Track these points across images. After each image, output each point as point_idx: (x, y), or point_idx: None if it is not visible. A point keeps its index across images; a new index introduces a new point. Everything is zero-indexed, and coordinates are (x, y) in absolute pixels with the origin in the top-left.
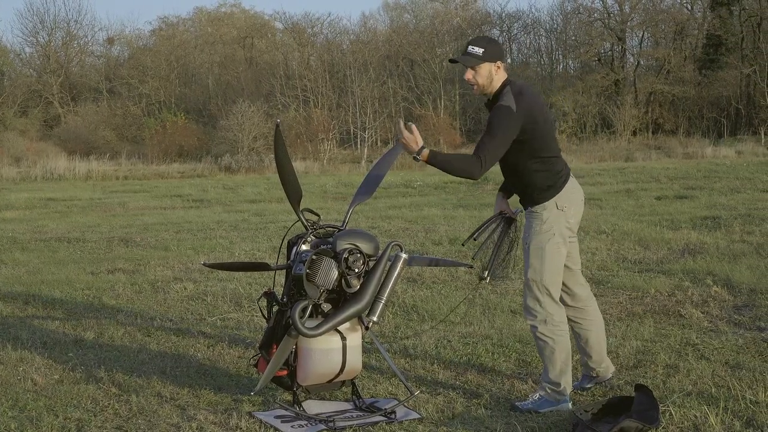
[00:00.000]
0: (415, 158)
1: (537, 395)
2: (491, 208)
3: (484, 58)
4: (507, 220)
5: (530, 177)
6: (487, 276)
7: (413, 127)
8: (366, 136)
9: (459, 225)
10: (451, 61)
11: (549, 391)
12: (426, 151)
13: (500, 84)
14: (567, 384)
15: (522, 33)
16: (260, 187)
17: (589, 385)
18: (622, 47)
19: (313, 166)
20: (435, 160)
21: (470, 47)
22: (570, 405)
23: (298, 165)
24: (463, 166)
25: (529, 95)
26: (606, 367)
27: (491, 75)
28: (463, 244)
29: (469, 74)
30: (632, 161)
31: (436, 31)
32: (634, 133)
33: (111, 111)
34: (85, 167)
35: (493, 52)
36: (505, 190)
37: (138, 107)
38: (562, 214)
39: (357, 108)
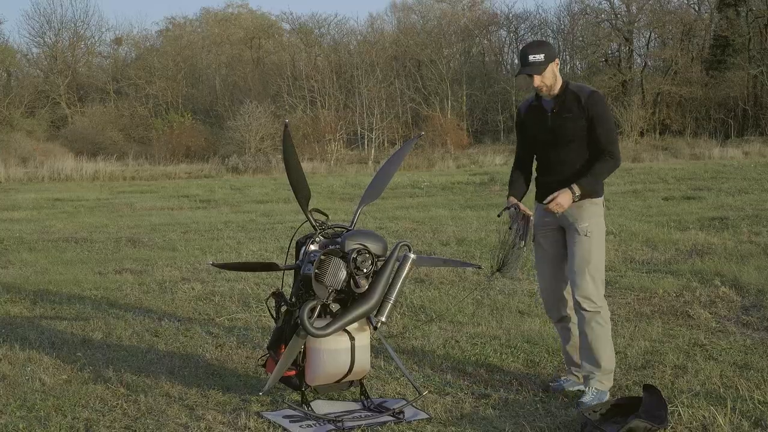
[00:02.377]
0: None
1: (593, 390)
2: (498, 208)
3: (547, 62)
4: (524, 218)
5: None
6: (495, 270)
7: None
8: (373, 136)
9: (467, 226)
10: (519, 74)
11: (603, 381)
12: (576, 188)
13: (561, 83)
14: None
15: (529, 34)
16: (267, 188)
17: (573, 388)
18: (629, 48)
19: (320, 166)
20: (589, 186)
21: (530, 56)
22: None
23: (305, 166)
24: (608, 173)
25: None
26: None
27: (555, 73)
28: (499, 215)
29: (537, 81)
30: (639, 162)
31: (444, 32)
32: (642, 134)
33: (118, 111)
34: (92, 168)
35: (550, 53)
36: (517, 196)
37: (145, 108)
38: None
39: (364, 109)
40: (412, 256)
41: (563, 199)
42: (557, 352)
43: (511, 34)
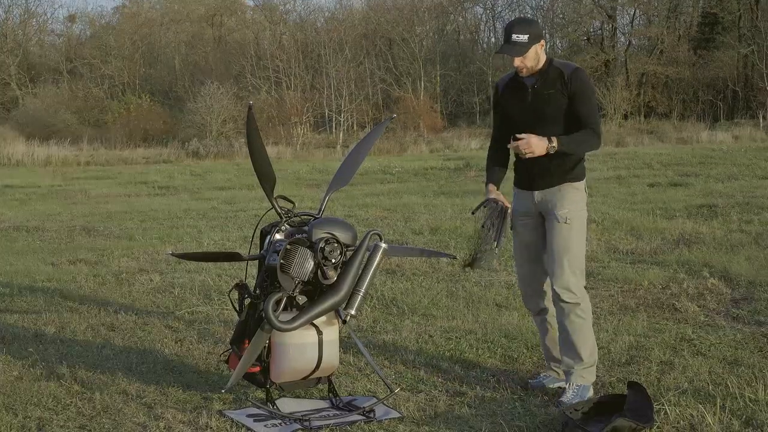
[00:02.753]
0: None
1: (574, 386)
2: (474, 195)
3: (530, 43)
4: (501, 210)
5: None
6: (465, 265)
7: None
8: (342, 119)
9: (440, 213)
10: (498, 53)
11: (585, 376)
12: (555, 140)
13: (545, 59)
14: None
15: (507, 10)
16: (230, 174)
17: (553, 385)
18: (612, 26)
19: (285, 151)
20: (566, 146)
21: (514, 35)
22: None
23: (269, 150)
24: (589, 146)
25: None
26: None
27: (537, 55)
28: (473, 213)
29: (517, 62)
30: (624, 146)
31: (416, 9)
32: (626, 117)
33: (72, 93)
34: (44, 152)
35: (536, 33)
36: (496, 182)
37: (100, 89)
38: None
39: (332, 90)
40: (384, 245)
41: (536, 144)
42: (536, 347)
43: (488, 11)
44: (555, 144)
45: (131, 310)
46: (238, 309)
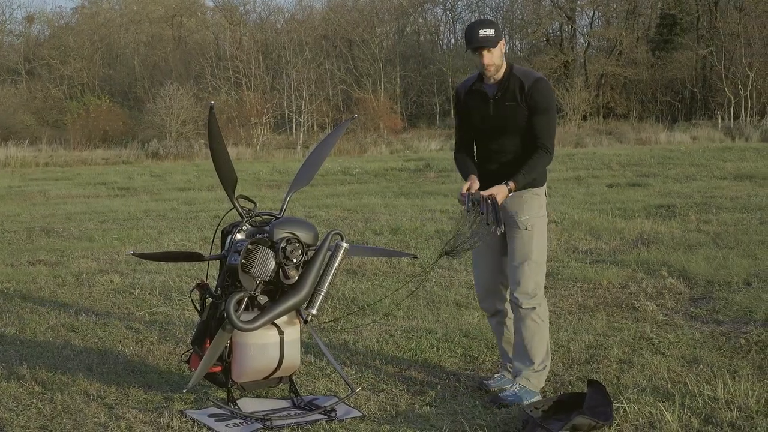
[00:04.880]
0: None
1: (517, 386)
2: (434, 196)
3: (498, 38)
4: (490, 200)
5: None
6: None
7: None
8: (302, 120)
9: (401, 214)
10: (474, 49)
11: (531, 380)
12: (512, 184)
13: (506, 66)
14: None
15: (467, 12)
16: (189, 175)
17: (508, 385)
18: (571, 27)
19: (245, 152)
20: (523, 181)
21: (481, 31)
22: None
23: (230, 151)
24: (543, 168)
25: None
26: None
27: (502, 54)
28: (468, 210)
29: (487, 58)
30: (582, 147)
31: (376, 10)
32: (584, 118)
33: (30, 94)
34: (2, 153)
35: (499, 31)
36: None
37: (59, 90)
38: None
39: (292, 91)
40: (345, 245)
41: (498, 193)
42: (496, 347)
43: (448, 12)
44: (512, 187)
45: (91, 311)
46: (199, 309)
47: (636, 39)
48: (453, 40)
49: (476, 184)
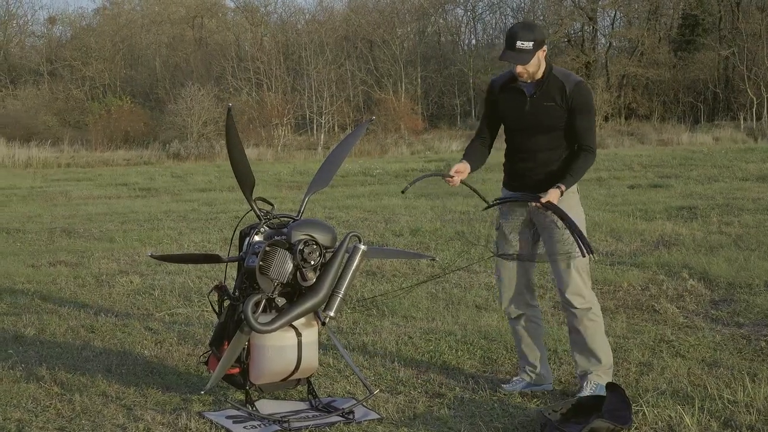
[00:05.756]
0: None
1: (592, 384)
2: (454, 197)
3: (535, 50)
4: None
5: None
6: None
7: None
8: (323, 121)
9: (421, 215)
10: (502, 59)
11: (603, 376)
12: (563, 187)
13: (545, 66)
14: None
15: (487, 12)
16: (210, 176)
17: (525, 389)
18: (593, 28)
19: (266, 153)
20: (571, 183)
21: (518, 43)
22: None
23: (250, 152)
24: (588, 168)
25: None
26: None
27: (539, 61)
28: (403, 191)
29: (520, 68)
30: (604, 148)
31: (397, 11)
32: (606, 119)
33: (52, 95)
34: (25, 154)
35: (539, 39)
36: (471, 163)
37: (81, 91)
38: None
39: (313, 92)
40: (363, 247)
41: (553, 197)
42: (515, 350)
43: (469, 13)
44: (563, 189)
45: (111, 311)
46: (217, 311)
47: (658, 39)
48: (474, 41)
49: (463, 174)
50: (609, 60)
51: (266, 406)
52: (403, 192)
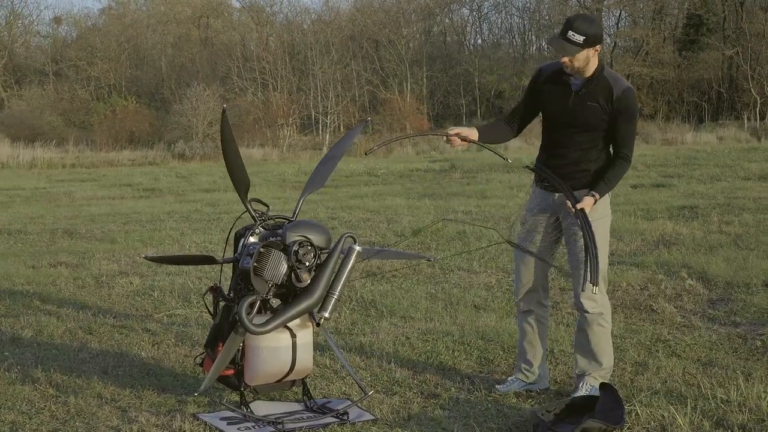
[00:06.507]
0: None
1: (588, 385)
2: (458, 197)
3: (584, 46)
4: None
5: (606, 160)
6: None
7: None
8: (328, 121)
9: (423, 216)
10: (549, 43)
11: (599, 379)
12: (597, 195)
13: (596, 65)
14: None
15: (493, 12)
16: (215, 176)
17: (519, 389)
18: None
19: (272, 153)
20: (605, 191)
21: (570, 33)
22: None
23: (255, 152)
24: (622, 177)
25: None
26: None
27: (588, 59)
28: (366, 153)
29: (566, 59)
30: None
31: (403, 10)
32: None
33: (58, 95)
34: (29, 154)
35: (594, 38)
36: (481, 132)
37: (86, 91)
38: None
39: (318, 91)
40: (358, 248)
41: (588, 206)
42: (513, 349)
43: (474, 13)
44: (597, 197)
45: (110, 313)
46: (212, 312)
47: (662, 39)
48: (479, 41)
49: (467, 135)
50: (614, 59)
51: (261, 408)
52: (366, 154)
